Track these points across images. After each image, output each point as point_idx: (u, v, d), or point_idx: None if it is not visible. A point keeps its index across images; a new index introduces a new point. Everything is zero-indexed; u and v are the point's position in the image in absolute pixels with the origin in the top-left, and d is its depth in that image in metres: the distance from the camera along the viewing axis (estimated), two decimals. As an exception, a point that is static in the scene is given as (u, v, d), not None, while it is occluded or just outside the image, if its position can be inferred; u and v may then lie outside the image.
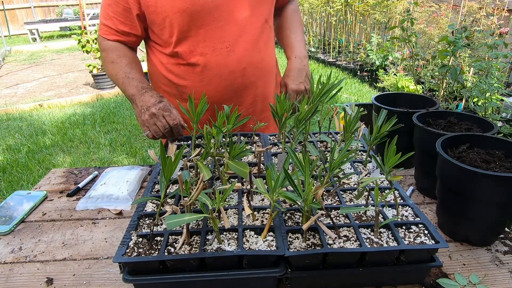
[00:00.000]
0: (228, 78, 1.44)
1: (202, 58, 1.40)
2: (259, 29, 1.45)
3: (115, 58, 1.43)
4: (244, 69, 1.44)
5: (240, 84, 1.47)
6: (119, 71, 1.41)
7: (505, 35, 2.05)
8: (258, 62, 1.47)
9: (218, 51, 1.39)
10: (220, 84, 1.44)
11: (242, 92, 1.49)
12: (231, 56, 1.41)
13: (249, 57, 1.44)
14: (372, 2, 6.11)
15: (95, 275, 0.97)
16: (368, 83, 6.09)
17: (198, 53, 1.39)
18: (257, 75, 1.49)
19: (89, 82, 6.78)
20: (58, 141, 4.32)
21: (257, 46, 1.45)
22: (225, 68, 1.42)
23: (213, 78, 1.43)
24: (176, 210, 0.86)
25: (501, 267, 0.96)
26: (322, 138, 1.33)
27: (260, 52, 1.47)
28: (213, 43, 1.38)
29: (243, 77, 1.46)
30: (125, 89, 1.40)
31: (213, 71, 1.42)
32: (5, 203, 1.29)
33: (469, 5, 4.37)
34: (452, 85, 2.74)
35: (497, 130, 1.19)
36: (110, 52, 1.44)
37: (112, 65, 1.43)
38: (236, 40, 1.40)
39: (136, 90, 1.36)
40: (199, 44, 1.38)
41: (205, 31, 1.36)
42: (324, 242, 0.83)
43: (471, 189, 0.96)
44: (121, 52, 1.44)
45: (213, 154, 1.09)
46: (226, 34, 1.38)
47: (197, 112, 1.19)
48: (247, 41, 1.42)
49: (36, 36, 11.18)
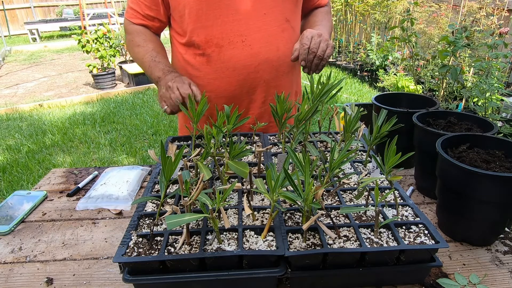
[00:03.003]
0: (242, 73, 1.43)
1: (217, 49, 1.41)
2: (278, 27, 1.43)
3: (141, 42, 1.48)
4: (259, 65, 1.43)
5: (253, 81, 1.46)
6: (145, 55, 1.46)
7: (505, 35, 2.05)
8: (275, 61, 1.45)
9: (233, 44, 1.40)
10: (232, 78, 1.44)
11: (254, 89, 1.48)
12: (246, 51, 1.41)
13: (265, 54, 1.43)
14: (372, 2, 6.11)
15: (95, 275, 0.97)
16: (368, 83, 6.09)
17: (214, 44, 1.40)
18: (272, 74, 1.47)
19: (89, 82, 6.78)
20: (58, 141, 4.32)
21: (274, 44, 1.44)
22: (239, 62, 1.42)
23: (226, 71, 1.44)
24: (176, 210, 0.86)
25: (501, 267, 0.96)
26: (322, 138, 1.33)
27: (278, 51, 1.45)
28: (229, 36, 1.39)
29: (257, 73, 1.45)
30: (152, 72, 1.44)
31: (227, 64, 1.42)
32: (5, 203, 1.29)
33: (469, 5, 4.37)
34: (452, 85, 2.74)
35: (497, 130, 1.19)
36: (135, 35, 1.49)
37: (138, 48, 1.48)
38: (253, 35, 1.40)
39: (162, 73, 1.41)
40: (215, 35, 1.39)
41: (222, 22, 1.37)
42: (324, 242, 0.83)
43: (471, 189, 0.96)
44: (147, 37, 1.49)
45: (213, 154, 1.09)
46: (243, 28, 1.38)
47: (197, 112, 1.19)
48: (264, 37, 1.41)
49: (36, 36, 11.18)
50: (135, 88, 6.20)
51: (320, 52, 1.32)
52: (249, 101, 1.50)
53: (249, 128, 1.52)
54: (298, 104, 1.20)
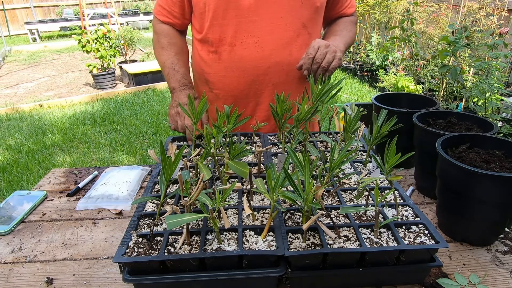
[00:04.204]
0: (251, 74, 1.44)
1: (229, 48, 1.42)
2: (293, 31, 1.42)
3: (166, 44, 1.55)
4: (269, 68, 1.44)
5: (262, 82, 1.46)
6: (166, 60, 1.53)
7: (505, 35, 2.05)
8: (285, 65, 1.45)
9: (246, 45, 1.41)
10: (242, 78, 1.45)
11: (262, 91, 1.48)
12: (258, 52, 1.41)
13: (276, 57, 1.43)
14: (372, 2, 6.11)
15: (95, 275, 0.97)
16: (368, 83, 6.09)
17: (227, 42, 1.42)
18: (282, 78, 1.46)
19: (89, 82, 6.78)
20: (58, 141, 4.32)
21: (287, 48, 1.43)
22: (249, 62, 1.43)
23: (236, 70, 1.45)
24: (176, 210, 0.86)
25: (501, 267, 0.96)
26: (322, 138, 1.33)
27: (291, 55, 1.44)
28: (242, 36, 1.40)
29: (266, 76, 1.45)
30: (169, 80, 1.53)
31: (237, 63, 1.43)
32: (5, 203, 1.29)
33: (469, 5, 4.37)
34: (452, 85, 2.74)
35: (497, 130, 1.19)
36: (162, 36, 1.55)
37: (162, 51, 1.55)
38: (266, 37, 1.40)
39: (177, 84, 1.50)
40: (229, 34, 1.41)
41: (238, 22, 1.38)
42: (324, 242, 0.83)
43: (471, 189, 0.96)
44: (172, 39, 1.55)
45: (213, 154, 1.09)
46: (257, 30, 1.39)
47: (197, 112, 1.19)
48: (277, 41, 1.41)
49: (36, 36, 11.18)
50: (135, 88, 6.20)
51: (324, 63, 1.32)
52: (256, 103, 1.51)
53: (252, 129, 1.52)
54: (298, 104, 1.20)
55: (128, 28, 7.05)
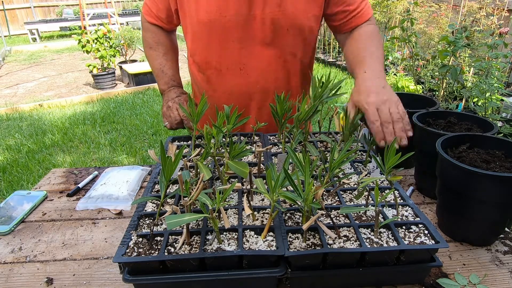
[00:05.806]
0: (238, 99, 1.46)
1: (215, 72, 1.43)
2: (280, 58, 1.40)
3: (154, 44, 1.54)
4: (255, 93, 1.45)
5: (248, 106, 1.49)
6: (155, 61, 1.54)
7: (505, 35, 2.05)
8: (271, 90, 1.45)
9: (232, 71, 1.41)
10: (229, 101, 1.44)
11: (249, 113, 1.50)
12: (244, 78, 1.42)
13: (262, 84, 1.43)
14: (372, 2, 6.11)
15: (95, 275, 0.97)
16: (368, 83, 6.07)
17: (213, 67, 1.43)
18: (269, 101, 1.45)
19: (89, 82, 6.78)
20: (58, 141, 4.32)
21: (273, 76, 1.43)
22: (235, 87, 1.44)
23: (223, 94, 1.47)
24: (176, 210, 0.86)
25: (501, 267, 0.96)
26: (322, 138, 1.33)
27: (276, 81, 1.44)
28: (227, 62, 1.40)
29: (252, 101, 1.48)
30: (158, 81, 1.56)
31: (223, 88, 1.46)
32: (5, 203, 1.29)
33: (469, 5, 4.37)
34: (452, 85, 2.74)
35: (497, 130, 1.19)
36: (149, 35, 1.54)
37: (151, 51, 1.55)
38: (252, 64, 1.39)
39: (166, 86, 1.53)
40: (214, 59, 1.41)
41: (222, 48, 1.37)
42: (324, 242, 0.83)
43: (471, 189, 0.96)
44: (160, 39, 1.54)
45: (213, 154, 1.09)
46: (243, 56, 1.38)
47: (197, 112, 1.19)
48: (262, 69, 1.40)
49: (36, 36, 11.17)
50: (135, 88, 6.20)
51: (395, 117, 1.13)
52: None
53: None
54: (298, 104, 1.20)
55: (128, 28, 7.05)
